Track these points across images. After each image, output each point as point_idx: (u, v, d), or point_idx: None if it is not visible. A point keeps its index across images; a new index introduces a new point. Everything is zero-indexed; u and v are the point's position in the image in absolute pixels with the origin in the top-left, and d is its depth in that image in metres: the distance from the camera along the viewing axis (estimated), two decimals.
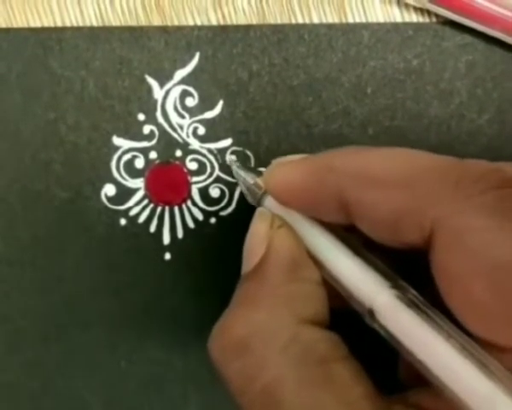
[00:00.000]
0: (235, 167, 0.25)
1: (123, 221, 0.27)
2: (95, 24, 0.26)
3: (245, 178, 0.24)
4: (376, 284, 0.18)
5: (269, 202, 0.22)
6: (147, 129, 0.26)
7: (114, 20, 0.26)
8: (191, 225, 0.27)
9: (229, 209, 0.27)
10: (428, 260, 0.18)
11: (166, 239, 0.27)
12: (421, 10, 0.26)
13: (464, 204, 0.17)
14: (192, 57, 0.26)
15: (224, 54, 0.26)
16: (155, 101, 0.26)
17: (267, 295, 0.19)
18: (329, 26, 0.26)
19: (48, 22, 0.26)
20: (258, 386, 0.17)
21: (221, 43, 0.26)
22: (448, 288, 0.17)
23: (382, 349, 0.19)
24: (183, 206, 0.27)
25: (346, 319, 0.19)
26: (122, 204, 0.27)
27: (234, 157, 0.26)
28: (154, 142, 0.26)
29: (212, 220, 0.27)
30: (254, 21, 0.26)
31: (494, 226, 0.16)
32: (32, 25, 0.26)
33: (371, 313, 0.18)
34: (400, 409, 0.17)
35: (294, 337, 0.18)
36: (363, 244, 0.20)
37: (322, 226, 0.20)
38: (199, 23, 0.26)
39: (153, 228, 0.27)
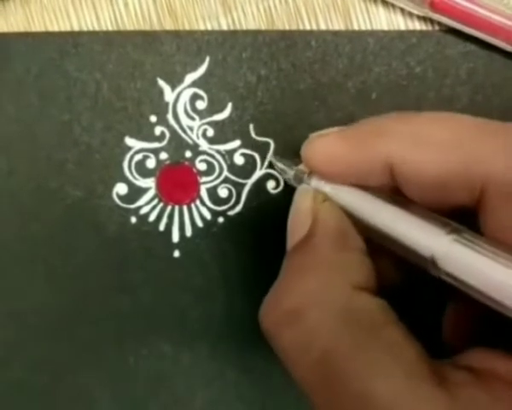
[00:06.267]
0: (273, 161, 0.26)
1: (133, 219, 0.27)
2: (110, 28, 0.26)
3: (286, 169, 0.24)
4: (434, 233, 0.18)
5: (314, 182, 0.22)
6: (158, 130, 0.27)
7: (129, 25, 0.26)
8: (200, 223, 0.28)
9: (237, 209, 0.27)
10: (476, 219, 0.18)
11: (175, 237, 0.28)
12: (424, 19, 0.26)
13: None
14: (202, 61, 0.27)
15: (234, 58, 0.27)
16: (167, 103, 0.27)
17: (318, 264, 0.19)
18: (336, 33, 0.26)
19: (65, 27, 0.26)
20: (315, 353, 0.17)
21: (231, 48, 0.26)
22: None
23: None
24: (192, 205, 0.27)
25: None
26: (133, 203, 0.27)
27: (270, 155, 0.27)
28: (164, 143, 0.27)
29: (220, 220, 0.27)
30: (263, 26, 0.27)
31: None
32: (50, 29, 0.26)
33: (434, 262, 0.18)
34: (452, 370, 0.17)
35: (348, 303, 0.18)
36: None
37: (368, 191, 0.20)
38: (209, 27, 0.27)
39: (162, 226, 0.28)
